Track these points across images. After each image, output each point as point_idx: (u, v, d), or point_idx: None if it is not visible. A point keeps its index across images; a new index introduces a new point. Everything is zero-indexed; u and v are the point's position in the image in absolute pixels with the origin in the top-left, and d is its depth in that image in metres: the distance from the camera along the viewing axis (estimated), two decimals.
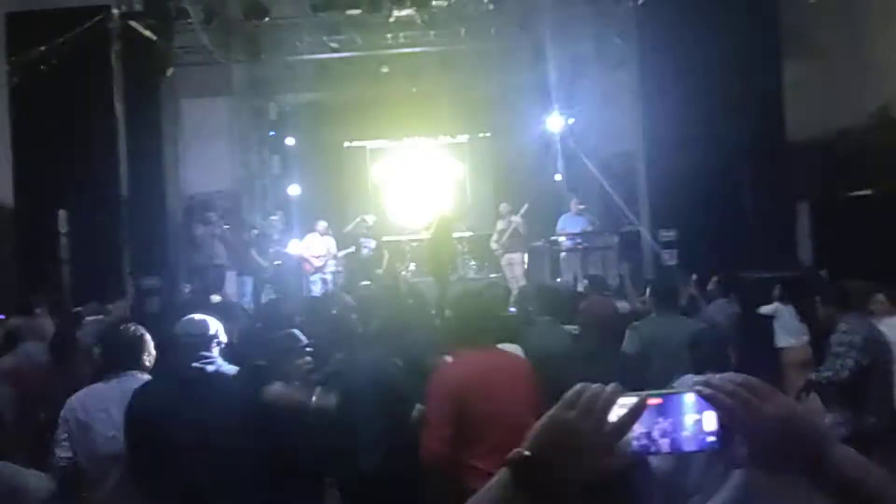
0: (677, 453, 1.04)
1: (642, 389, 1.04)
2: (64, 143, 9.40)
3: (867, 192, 7.47)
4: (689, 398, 1.02)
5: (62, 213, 9.46)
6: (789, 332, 6.20)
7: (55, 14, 9.00)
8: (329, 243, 12.48)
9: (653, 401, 1.02)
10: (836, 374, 4.13)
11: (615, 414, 0.99)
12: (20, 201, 9.65)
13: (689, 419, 1.02)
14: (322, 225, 12.49)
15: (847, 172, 7.78)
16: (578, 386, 1.02)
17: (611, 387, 1.01)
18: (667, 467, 2.64)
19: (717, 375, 1.04)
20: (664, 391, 1.04)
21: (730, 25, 8.78)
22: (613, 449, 0.98)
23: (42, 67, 8.39)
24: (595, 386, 1.01)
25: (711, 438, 1.02)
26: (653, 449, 1.02)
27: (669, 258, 9.44)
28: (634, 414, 0.99)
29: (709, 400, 1.01)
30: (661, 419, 1.02)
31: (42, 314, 6.70)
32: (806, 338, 6.08)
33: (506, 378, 3.33)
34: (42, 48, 8.34)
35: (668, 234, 9.52)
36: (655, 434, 1.01)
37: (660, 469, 2.62)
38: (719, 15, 8.94)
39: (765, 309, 6.43)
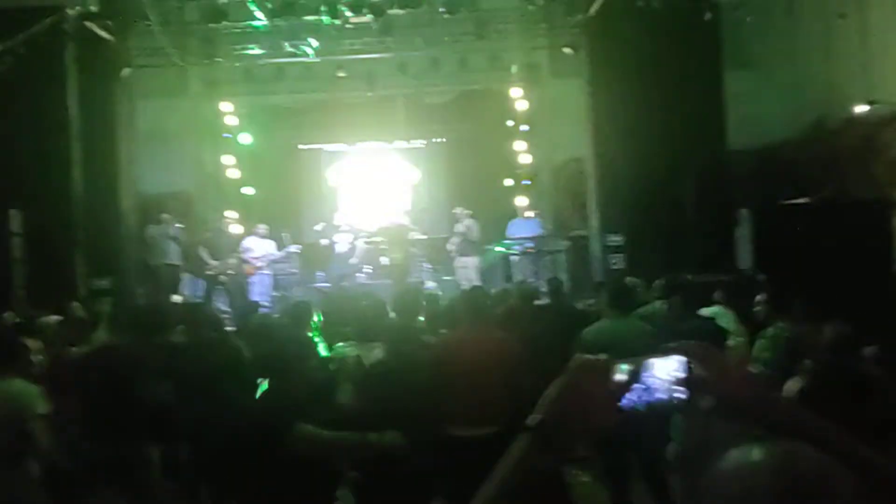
0: (656, 405, 1.29)
1: None
2: (17, 142, 9.32)
3: (805, 200, 7.88)
4: (662, 362, 1.27)
5: (15, 213, 9.37)
6: (729, 333, 6.48)
7: (7, 13, 8.91)
8: (269, 246, 12.51)
9: (631, 366, 1.26)
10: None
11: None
12: None
13: (663, 379, 1.27)
14: (262, 228, 12.52)
15: (786, 181, 8.19)
16: (577, 357, 1.24)
17: (602, 356, 1.24)
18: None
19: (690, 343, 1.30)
20: (642, 358, 1.28)
21: (674, 38, 9.17)
22: (613, 407, 1.21)
23: None
24: (590, 357, 1.24)
25: (680, 393, 1.27)
26: (638, 404, 1.26)
27: (617, 262, 9.80)
28: (631, 377, 1.22)
29: (690, 358, 1.26)
30: (642, 380, 1.26)
31: None
32: (742, 339, 6.39)
33: None
34: None
35: (616, 239, 9.89)
36: (637, 392, 1.26)
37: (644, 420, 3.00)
38: (665, 28, 9.34)
39: (705, 311, 6.73)
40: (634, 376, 1.24)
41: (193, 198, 13.06)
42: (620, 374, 1.23)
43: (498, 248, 12.35)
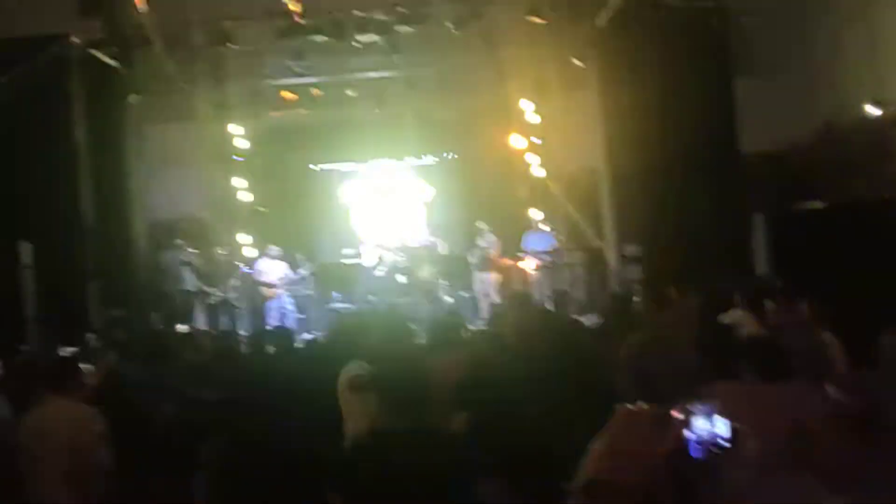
0: (704, 457, 1.14)
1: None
2: (25, 174, 9.32)
3: (818, 204, 7.72)
4: (704, 410, 1.12)
5: (25, 246, 9.36)
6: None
7: (13, 43, 8.94)
8: (283, 267, 12.48)
9: (678, 415, 1.11)
10: None
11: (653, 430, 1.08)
12: None
13: (707, 427, 1.12)
14: (273, 249, 12.49)
15: (799, 185, 8.03)
16: (621, 407, 1.10)
17: (644, 406, 1.09)
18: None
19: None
20: (684, 406, 1.13)
21: (684, 46, 9.06)
22: (663, 463, 1.06)
23: (1, 97, 8.34)
24: (637, 406, 1.09)
25: (725, 441, 1.12)
26: (689, 457, 1.11)
27: (634, 273, 9.63)
28: (678, 430, 1.07)
29: (720, 404, 1.11)
30: (688, 430, 1.12)
31: None
32: None
33: None
34: (1, 78, 8.29)
35: (632, 250, 9.72)
36: (687, 443, 1.11)
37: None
38: (674, 36, 9.22)
39: (725, 318, 6.56)
40: (684, 425, 1.11)
41: (206, 222, 13.04)
42: (669, 422, 1.09)
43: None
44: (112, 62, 10.23)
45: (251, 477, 3.17)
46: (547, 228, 12.41)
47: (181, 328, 10.04)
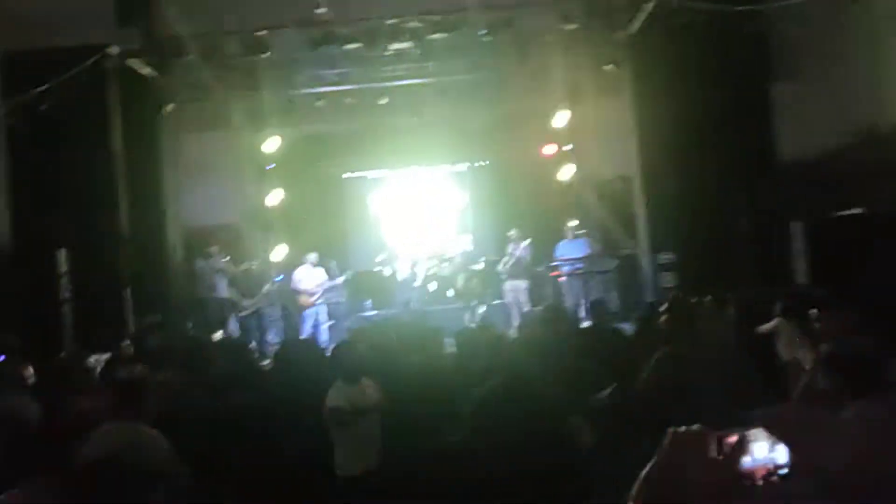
0: (762, 481, 1.06)
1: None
2: (62, 182, 9.48)
3: (858, 210, 7.50)
4: (763, 436, 1.04)
5: (62, 253, 9.50)
6: (793, 346, 6.15)
7: (52, 53, 9.10)
8: (321, 275, 12.48)
9: (735, 439, 1.04)
10: None
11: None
12: (19, 242, 9.69)
13: (765, 451, 1.05)
14: (312, 256, 12.48)
15: (838, 191, 7.82)
16: (671, 431, 1.03)
17: (700, 428, 1.02)
18: None
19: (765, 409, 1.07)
20: (738, 428, 1.06)
21: (720, 51, 8.90)
22: (722, 489, 0.99)
23: (39, 107, 8.49)
24: (689, 430, 1.02)
25: (783, 467, 1.04)
26: (747, 482, 1.03)
27: (668, 281, 9.45)
28: (737, 454, 1.00)
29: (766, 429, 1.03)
30: (745, 454, 1.04)
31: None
32: (805, 350, 6.04)
33: None
34: (39, 88, 8.45)
35: (667, 257, 9.55)
36: (745, 471, 1.04)
37: None
38: (709, 41, 9.06)
39: (765, 327, 6.40)
40: (742, 451, 1.02)
41: (239, 230, 13.15)
42: (734, 447, 1.01)
43: None
44: (148, 72, 10.37)
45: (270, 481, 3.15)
46: (580, 235, 12.26)
47: (216, 336, 10.14)
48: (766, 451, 1.05)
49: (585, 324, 7.89)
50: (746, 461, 1.04)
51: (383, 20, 11.19)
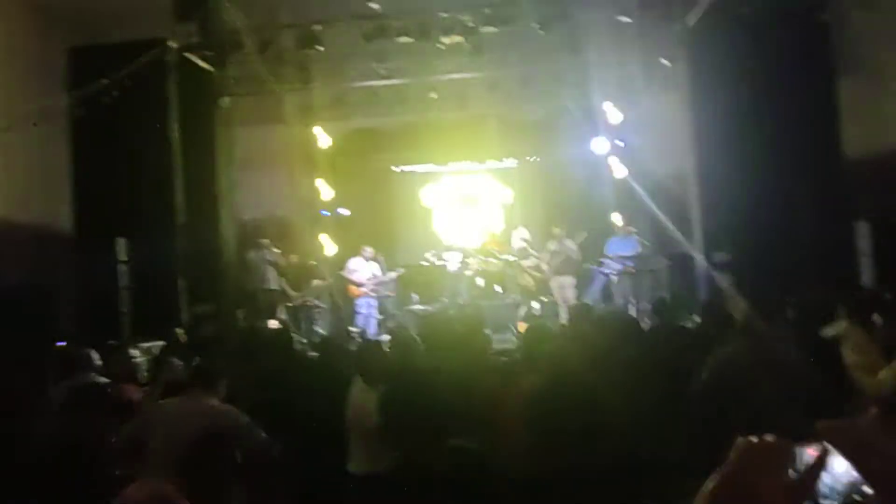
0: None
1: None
2: (123, 172, 9.70)
3: None
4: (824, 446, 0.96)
5: (121, 241, 9.72)
6: (860, 352, 5.92)
7: (115, 48, 9.32)
8: (374, 268, 12.61)
9: (813, 452, 0.96)
10: None
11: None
12: (81, 230, 9.95)
13: (846, 471, 0.97)
14: (368, 250, 12.62)
15: None
16: (741, 440, 0.96)
17: (773, 439, 0.94)
18: None
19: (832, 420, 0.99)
20: (820, 443, 0.98)
21: (782, 42, 8.62)
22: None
23: (103, 99, 8.69)
24: (762, 440, 0.94)
25: (852, 484, 0.97)
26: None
27: (723, 281, 9.24)
28: (817, 470, 0.93)
29: (830, 442, 0.96)
30: (822, 471, 0.96)
31: None
32: (872, 356, 5.82)
33: None
34: (103, 81, 8.65)
35: (723, 256, 9.32)
36: (821, 487, 0.96)
37: None
38: (771, 32, 8.79)
39: (829, 331, 6.19)
40: (820, 466, 0.94)
41: (290, 223, 13.28)
42: (814, 463, 0.93)
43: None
44: (205, 65, 10.53)
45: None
46: (630, 233, 12.05)
47: (269, 325, 10.30)
48: (847, 469, 0.96)
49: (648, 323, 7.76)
50: (827, 480, 0.95)
51: (436, 13, 11.17)
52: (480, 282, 13.33)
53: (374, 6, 10.55)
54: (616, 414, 3.52)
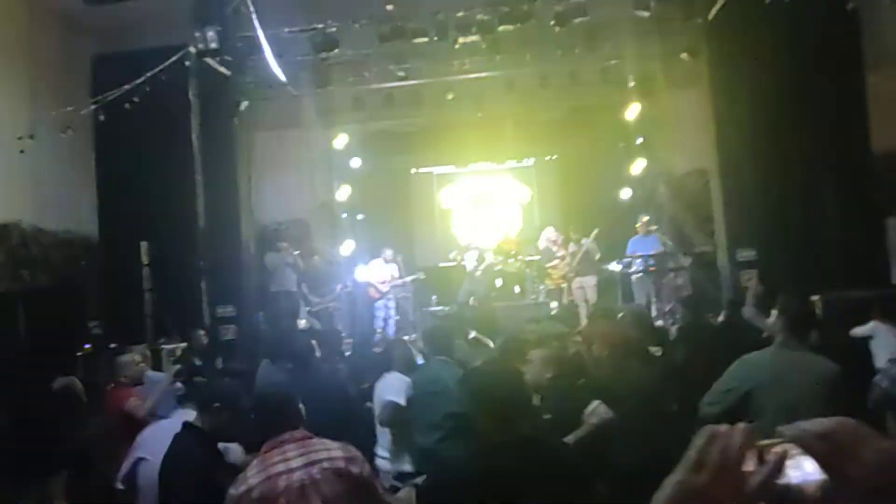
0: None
1: None
2: (145, 176, 9.77)
3: None
4: (791, 447, 0.94)
5: (144, 245, 9.79)
6: (891, 351, 5.84)
7: (138, 55, 9.40)
8: (393, 270, 12.65)
9: (776, 450, 0.93)
10: None
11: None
12: (105, 233, 10.04)
13: (794, 468, 0.94)
14: (388, 252, 12.68)
15: None
16: (702, 436, 0.92)
17: (742, 431, 0.91)
18: None
19: (810, 421, 0.95)
20: (770, 440, 0.95)
21: (807, 36, 8.47)
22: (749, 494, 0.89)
23: (126, 105, 8.75)
24: (722, 433, 0.91)
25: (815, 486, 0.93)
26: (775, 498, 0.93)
27: (748, 279, 9.11)
28: (776, 470, 0.90)
29: (799, 445, 0.93)
30: (784, 470, 0.94)
31: None
32: None
33: None
34: (126, 87, 8.71)
35: (747, 254, 9.20)
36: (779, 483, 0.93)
37: None
38: (794, 25, 8.65)
39: (859, 330, 6.10)
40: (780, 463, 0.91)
41: (309, 225, 13.32)
42: (773, 463, 0.90)
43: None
44: (224, 70, 10.58)
45: None
46: (652, 231, 11.96)
47: (301, 323, 10.36)
48: (811, 470, 0.93)
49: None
50: (784, 479, 0.92)
51: (452, 13, 11.13)
52: (499, 282, 13.29)
53: (390, 7, 10.53)
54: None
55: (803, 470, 0.92)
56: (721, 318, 7.07)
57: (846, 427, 0.93)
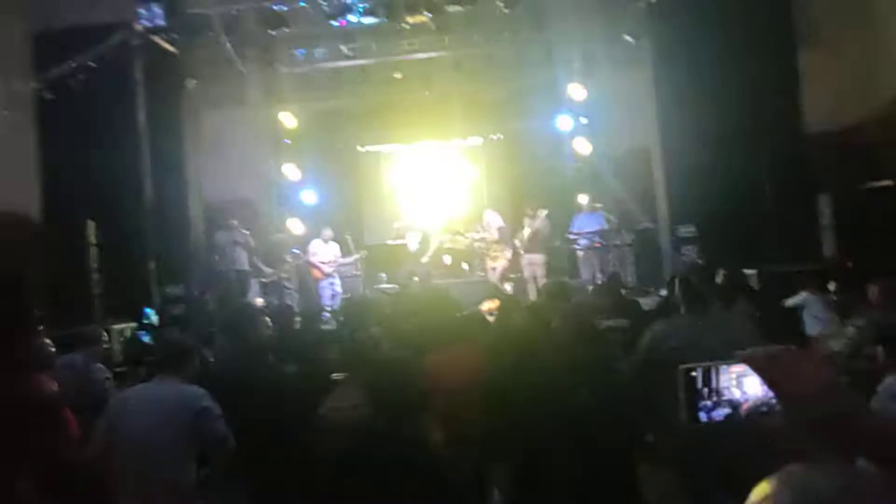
0: (729, 417, 1.17)
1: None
2: (91, 155, 9.58)
3: (887, 182, 7.52)
4: (737, 367, 1.15)
5: (91, 224, 9.63)
6: (820, 320, 6.25)
7: (82, 32, 9.17)
8: (335, 249, 12.70)
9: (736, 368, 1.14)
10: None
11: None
12: (49, 213, 9.81)
13: (735, 389, 1.15)
14: (327, 232, 12.71)
15: (866, 163, 7.83)
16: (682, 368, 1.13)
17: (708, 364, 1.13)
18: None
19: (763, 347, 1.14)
20: (713, 362, 1.16)
21: (744, 18, 8.84)
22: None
23: (69, 83, 8.56)
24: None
25: (759, 404, 1.14)
26: (714, 414, 1.15)
27: (689, 254, 9.53)
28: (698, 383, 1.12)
29: (749, 365, 1.12)
30: (723, 385, 1.15)
31: None
32: (835, 326, 6.14)
33: None
34: (68, 65, 8.52)
35: (687, 230, 9.60)
36: (721, 398, 1.15)
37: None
38: (733, 8, 9.01)
39: (791, 300, 6.51)
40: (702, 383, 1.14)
41: (257, 204, 13.25)
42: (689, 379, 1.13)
43: None
44: (171, 48, 10.41)
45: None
46: (596, 209, 12.31)
47: (257, 301, 10.37)
48: (758, 388, 1.14)
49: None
50: (732, 395, 1.14)
51: None
52: (447, 260, 13.47)
53: None
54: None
55: (752, 387, 1.14)
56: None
57: (793, 352, 1.11)
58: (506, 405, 3.60)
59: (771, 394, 1.12)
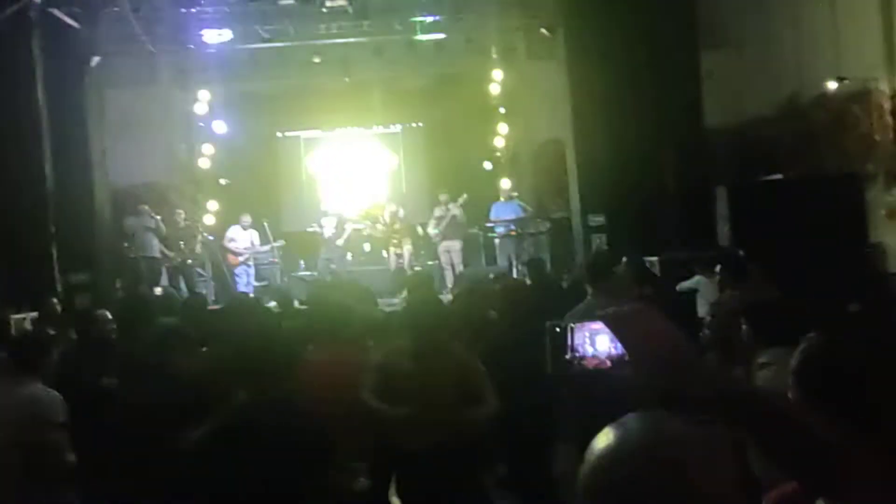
0: (591, 369, 1.27)
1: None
2: None
3: (778, 176, 7.94)
4: (595, 325, 1.24)
5: None
6: (711, 302, 6.53)
7: None
8: (253, 236, 12.53)
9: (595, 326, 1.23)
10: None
11: None
12: None
13: (592, 345, 1.24)
14: (246, 219, 12.52)
15: (761, 158, 8.23)
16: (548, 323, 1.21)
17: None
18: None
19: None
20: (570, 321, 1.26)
21: (651, 18, 9.14)
22: None
23: None
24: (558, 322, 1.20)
25: (612, 358, 1.24)
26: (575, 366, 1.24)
27: (599, 242, 9.81)
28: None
29: (603, 322, 1.21)
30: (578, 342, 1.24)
31: None
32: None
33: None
34: None
35: (597, 219, 9.89)
36: (575, 354, 1.24)
37: None
38: (642, 7, 9.29)
39: (685, 284, 6.79)
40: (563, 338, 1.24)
41: (167, 188, 12.89)
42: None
43: None
44: (73, 23, 9.95)
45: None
46: (513, 197, 12.52)
47: (157, 291, 10.06)
48: (606, 344, 1.26)
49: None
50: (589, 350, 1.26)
51: None
52: (367, 247, 13.45)
53: None
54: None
55: (602, 344, 1.24)
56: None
57: (641, 310, 1.19)
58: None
59: (619, 350, 1.21)
